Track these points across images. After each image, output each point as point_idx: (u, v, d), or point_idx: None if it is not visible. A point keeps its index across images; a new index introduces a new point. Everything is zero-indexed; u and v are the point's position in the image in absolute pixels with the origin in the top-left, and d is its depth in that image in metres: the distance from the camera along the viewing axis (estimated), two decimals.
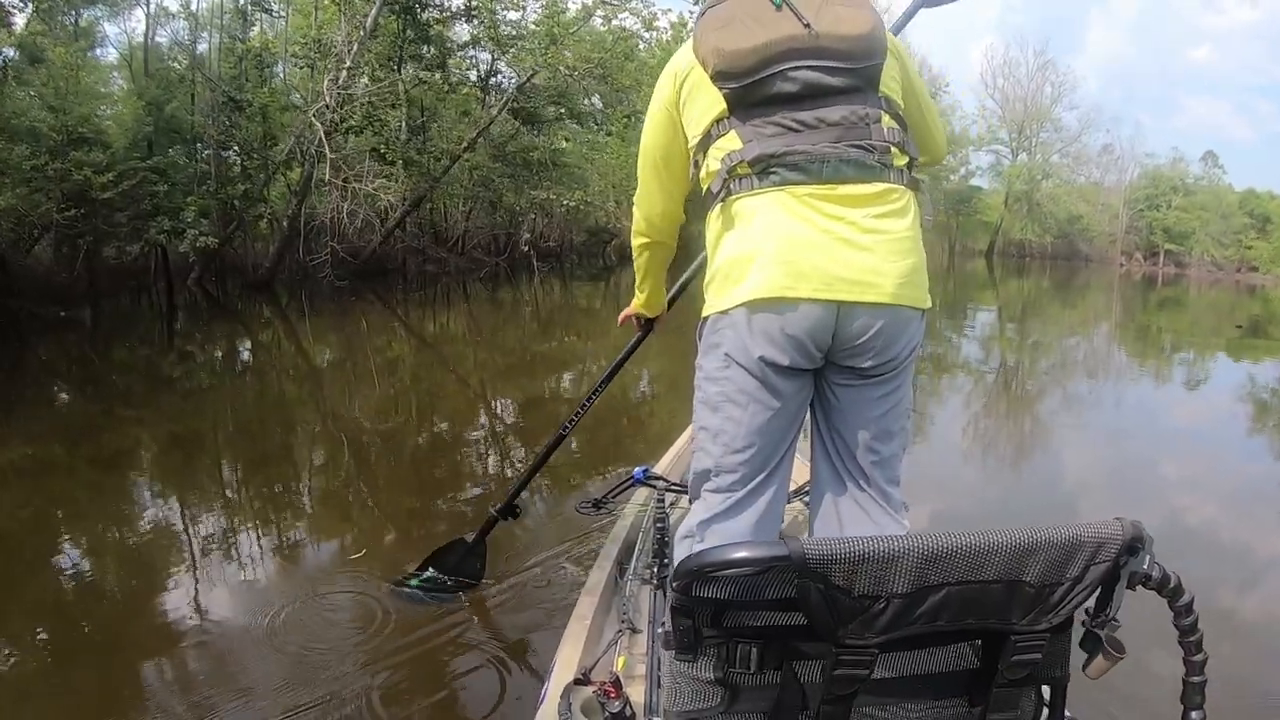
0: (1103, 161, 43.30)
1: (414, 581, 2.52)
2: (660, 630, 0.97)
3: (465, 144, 14.31)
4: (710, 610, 0.86)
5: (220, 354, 7.77)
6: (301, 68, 13.32)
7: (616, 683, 1.32)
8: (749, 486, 1.28)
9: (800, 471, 2.03)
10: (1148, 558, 0.84)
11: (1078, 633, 0.93)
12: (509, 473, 4.15)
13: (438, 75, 13.80)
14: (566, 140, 16.91)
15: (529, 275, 16.00)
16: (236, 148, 12.03)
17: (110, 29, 11.62)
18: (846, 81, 1.21)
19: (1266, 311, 21.13)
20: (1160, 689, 1.92)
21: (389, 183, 12.08)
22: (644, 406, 6.06)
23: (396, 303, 12.16)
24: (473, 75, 15.71)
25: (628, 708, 1.30)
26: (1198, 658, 0.86)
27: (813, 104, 1.21)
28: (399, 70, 13.22)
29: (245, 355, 7.91)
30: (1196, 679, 0.86)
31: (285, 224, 11.89)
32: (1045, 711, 0.98)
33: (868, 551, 0.80)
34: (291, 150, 11.66)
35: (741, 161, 1.22)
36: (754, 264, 1.21)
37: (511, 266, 16.72)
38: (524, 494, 2.53)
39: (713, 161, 1.28)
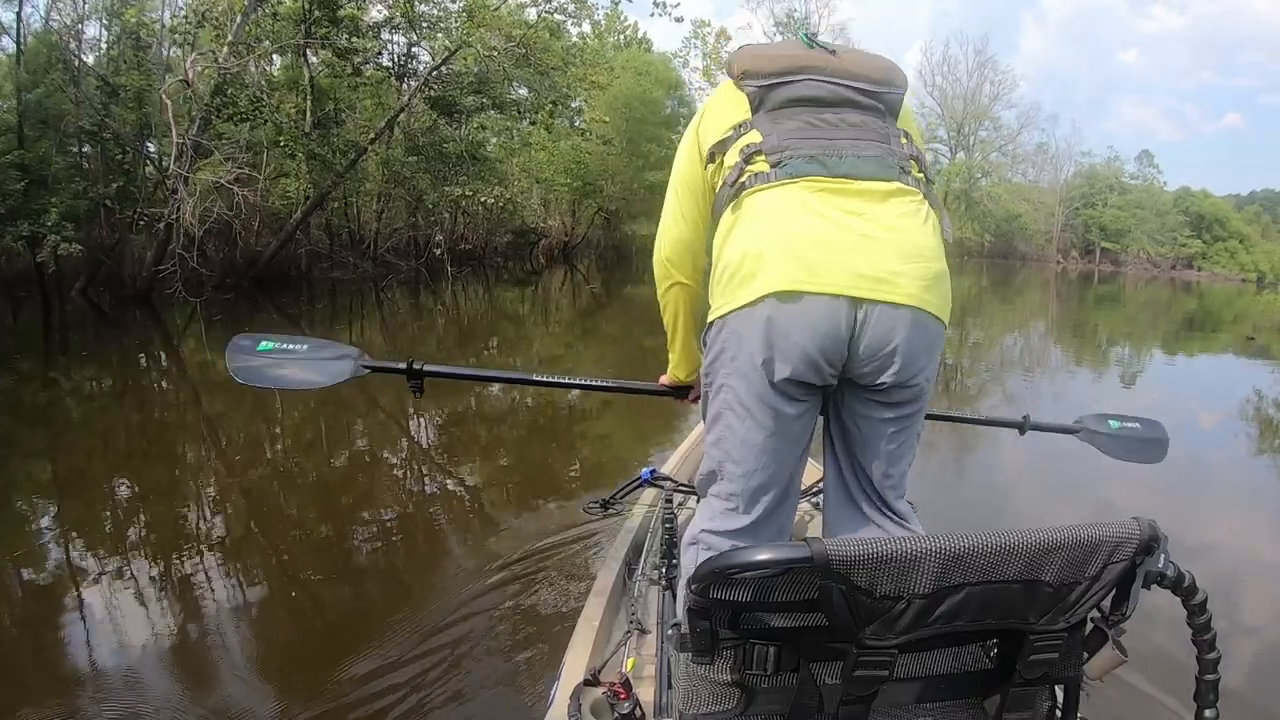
0: (1038, 160, 45.89)
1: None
2: (671, 631, 1.00)
3: (373, 135, 13.93)
4: (728, 612, 0.91)
5: (80, 382, 7.06)
6: (180, 45, 12.65)
7: (626, 683, 1.40)
8: (755, 511, 1.30)
9: (806, 472, 2.19)
10: (1163, 557, 0.90)
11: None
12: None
13: (345, 63, 13.28)
14: (483, 128, 16.39)
15: (448, 281, 15.72)
16: (110, 139, 11.27)
17: (6, 15, 10.63)
18: (868, 100, 1.33)
19: (1202, 307, 22.80)
20: (1172, 688, 2.08)
21: (254, 173, 11.37)
22: (650, 406, 6.16)
23: (300, 314, 11.72)
24: (385, 60, 15.20)
25: (637, 708, 1.37)
26: (1211, 656, 0.93)
27: (835, 109, 1.31)
28: (303, 54, 12.76)
29: (104, 384, 7.14)
30: (1210, 677, 0.94)
31: (162, 227, 11.13)
32: (1059, 712, 1.03)
33: (890, 552, 0.84)
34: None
35: (759, 152, 1.27)
36: (762, 260, 1.21)
37: (430, 271, 16.39)
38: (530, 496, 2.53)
39: (731, 156, 1.32)
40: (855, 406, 1.30)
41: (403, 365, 1.85)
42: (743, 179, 1.28)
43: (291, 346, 1.81)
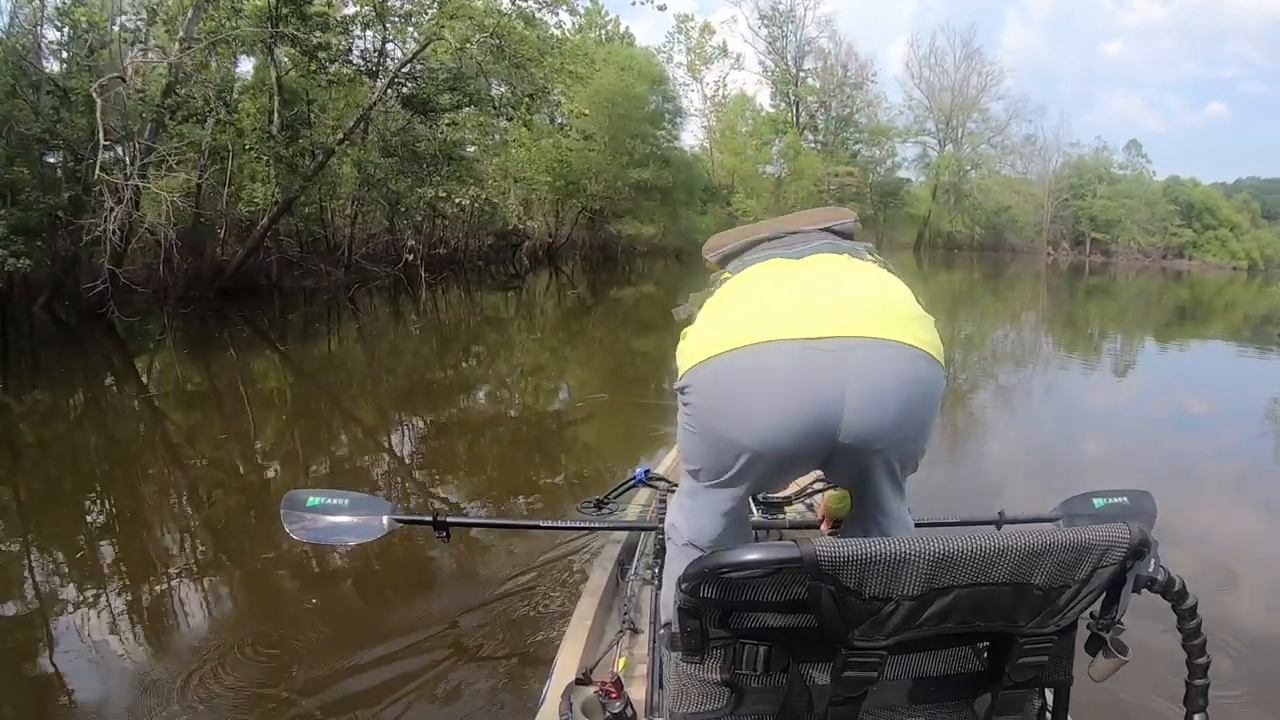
0: (1026, 152, 46.36)
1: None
2: (663, 631, 1.01)
3: (341, 136, 13.78)
4: (718, 612, 0.92)
5: (31, 406, 6.60)
6: (132, 44, 12.44)
7: (618, 683, 1.42)
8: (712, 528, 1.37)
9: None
10: (1153, 561, 0.93)
11: (1081, 636, 1.00)
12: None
13: (311, 60, 13.15)
14: (454, 124, 16.20)
15: (424, 287, 15.56)
16: (61, 145, 11.00)
17: None
18: (818, 231, 1.44)
19: (1194, 296, 23.09)
20: (1162, 692, 2.11)
21: (189, 177, 11.15)
22: (644, 408, 6.33)
23: (271, 327, 11.58)
24: (357, 58, 15.03)
25: (629, 708, 1.40)
26: (1201, 661, 0.95)
27: (792, 237, 1.43)
28: (270, 53, 12.63)
29: (51, 406, 6.62)
30: (1199, 681, 0.96)
31: (117, 237, 10.79)
32: (1049, 715, 1.05)
33: (878, 553, 0.86)
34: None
35: (724, 273, 1.40)
36: (734, 320, 1.23)
37: (408, 277, 16.28)
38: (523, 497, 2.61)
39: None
40: (860, 479, 1.30)
41: (429, 518, 2.14)
42: (710, 289, 1.38)
43: (333, 501, 2.11)
